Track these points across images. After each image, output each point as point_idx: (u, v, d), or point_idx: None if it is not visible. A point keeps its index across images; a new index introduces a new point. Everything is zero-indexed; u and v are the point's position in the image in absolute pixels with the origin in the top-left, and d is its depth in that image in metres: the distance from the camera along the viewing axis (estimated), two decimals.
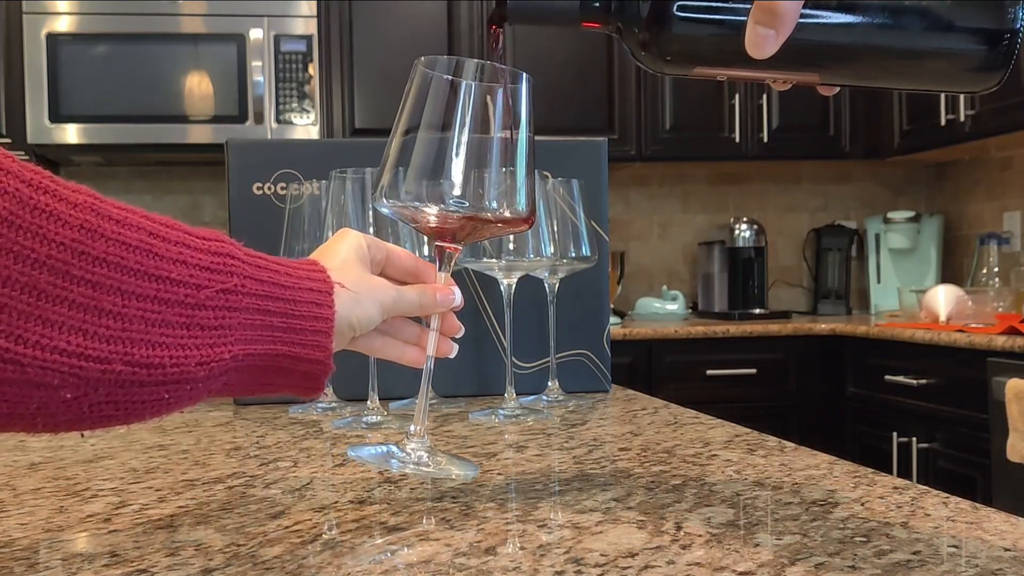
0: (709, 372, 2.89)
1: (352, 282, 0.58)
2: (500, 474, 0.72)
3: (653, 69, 0.57)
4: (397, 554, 0.52)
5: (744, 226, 3.31)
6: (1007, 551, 0.50)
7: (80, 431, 0.46)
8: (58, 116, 2.81)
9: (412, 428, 0.65)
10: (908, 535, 0.53)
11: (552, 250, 1.02)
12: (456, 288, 0.65)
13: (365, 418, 0.98)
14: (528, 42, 3.09)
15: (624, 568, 0.48)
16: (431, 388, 1.12)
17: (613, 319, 3.06)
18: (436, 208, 0.60)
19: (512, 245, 0.98)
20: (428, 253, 0.97)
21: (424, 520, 0.58)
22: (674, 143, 3.20)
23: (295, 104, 2.91)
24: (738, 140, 3.20)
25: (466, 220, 0.61)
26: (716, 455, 0.78)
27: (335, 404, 1.07)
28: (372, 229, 0.96)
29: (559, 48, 3.11)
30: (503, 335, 1.13)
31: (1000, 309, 2.59)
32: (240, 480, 0.71)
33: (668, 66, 0.56)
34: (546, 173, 1.06)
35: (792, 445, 0.81)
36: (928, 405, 2.55)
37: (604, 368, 1.22)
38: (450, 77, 0.60)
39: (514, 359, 1.16)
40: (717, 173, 3.56)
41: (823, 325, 2.95)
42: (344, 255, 0.61)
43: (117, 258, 0.44)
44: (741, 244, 3.29)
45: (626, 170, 3.38)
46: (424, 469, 0.64)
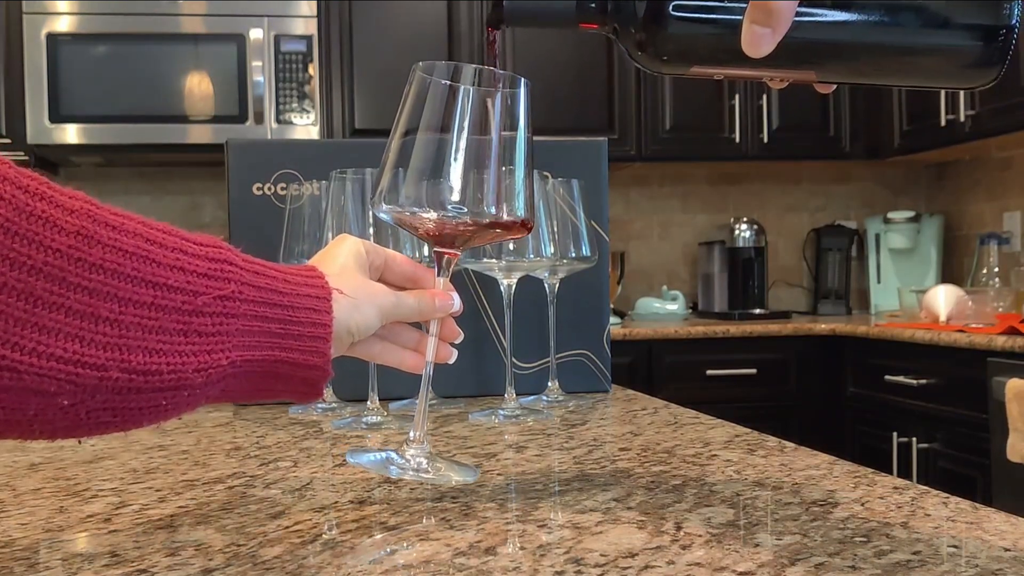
0: (709, 372, 2.89)
1: (351, 288, 0.58)
2: (500, 474, 0.72)
3: (650, 69, 0.57)
4: (397, 554, 0.52)
5: (744, 226, 3.31)
6: (1007, 551, 0.50)
7: (77, 437, 0.46)
8: (58, 116, 2.81)
9: (412, 434, 0.65)
10: (908, 535, 0.53)
11: (552, 250, 1.02)
12: (455, 293, 0.65)
13: (365, 418, 0.98)
14: (528, 42, 3.09)
15: (624, 568, 0.48)
16: (431, 389, 1.12)
17: (613, 319, 3.06)
18: (435, 214, 0.60)
19: (512, 245, 0.98)
20: (428, 255, 0.97)
21: (424, 520, 0.58)
22: (674, 143, 3.20)
23: (295, 104, 2.91)
24: (738, 140, 3.20)
25: (465, 226, 0.60)
26: (716, 455, 0.78)
27: (335, 404, 1.07)
28: (372, 230, 0.96)
29: (559, 48, 3.12)
30: (503, 335, 1.13)
31: (1000, 309, 2.59)
32: (240, 480, 0.72)
33: (665, 66, 0.56)
34: (546, 173, 1.06)
35: (792, 445, 0.81)
36: (928, 405, 2.55)
37: (604, 368, 1.22)
38: (448, 82, 0.59)
39: (514, 359, 1.16)
40: (717, 173, 3.56)
41: (823, 325, 2.95)
42: (343, 261, 0.60)
43: (114, 264, 0.43)
44: (741, 244, 3.29)
45: (626, 170, 3.38)
46: (423, 475, 0.64)
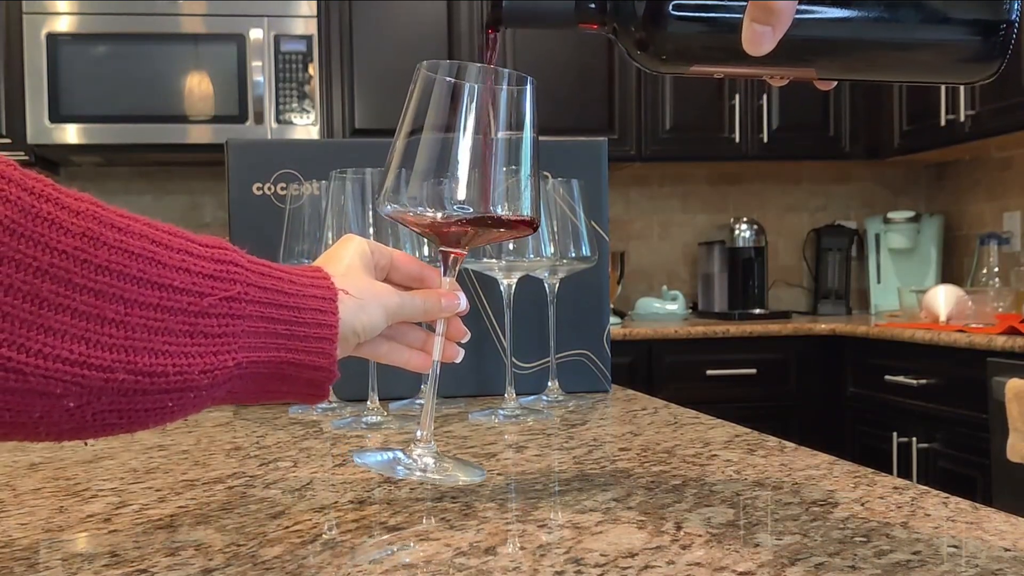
0: (709, 372, 2.89)
1: (356, 288, 0.58)
2: (500, 474, 0.72)
3: (650, 69, 0.57)
4: (397, 554, 0.52)
5: (744, 226, 3.31)
6: (1007, 551, 0.50)
7: (83, 439, 0.46)
8: (58, 116, 2.81)
9: (418, 433, 0.65)
10: (908, 535, 0.53)
11: (552, 250, 1.02)
12: (461, 293, 0.65)
13: (365, 418, 0.98)
14: (528, 43, 3.09)
15: (624, 568, 0.48)
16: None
17: (613, 319, 3.06)
18: (440, 213, 0.60)
19: (512, 245, 0.98)
20: (428, 253, 0.97)
21: (424, 520, 0.58)
22: (674, 143, 3.20)
23: (295, 104, 2.91)
24: (738, 140, 3.20)
25: (470, 225, 0.60)
26: (716, 455, 0.78)
27: (335, 404, 1.07)
28: (372, 230, 0.96)
29: (559, 49, 3.12)
30: (503, 335, 1.13)
31: (1000, 309, 2.59)
32: (240, 480, 0.72)
33: (664, 65, 0.56)
34: (546, 173, 1.06)
35: (792, 445, 0.81)
36: (928, 405, 2.55)
37: (604, 368, 1.22)
38: (453, 80, 0.59)
39: (514, 359, 1.16)
40: (717, 173, 3.56)
41: (823, 325, 2.95)
42: (348, 261, 0.60)
43: (120, 266, 0.43)
44: (741, 244, 3.29)
45: (626, 170, 3.38)
46: (430, 476, 0.64)
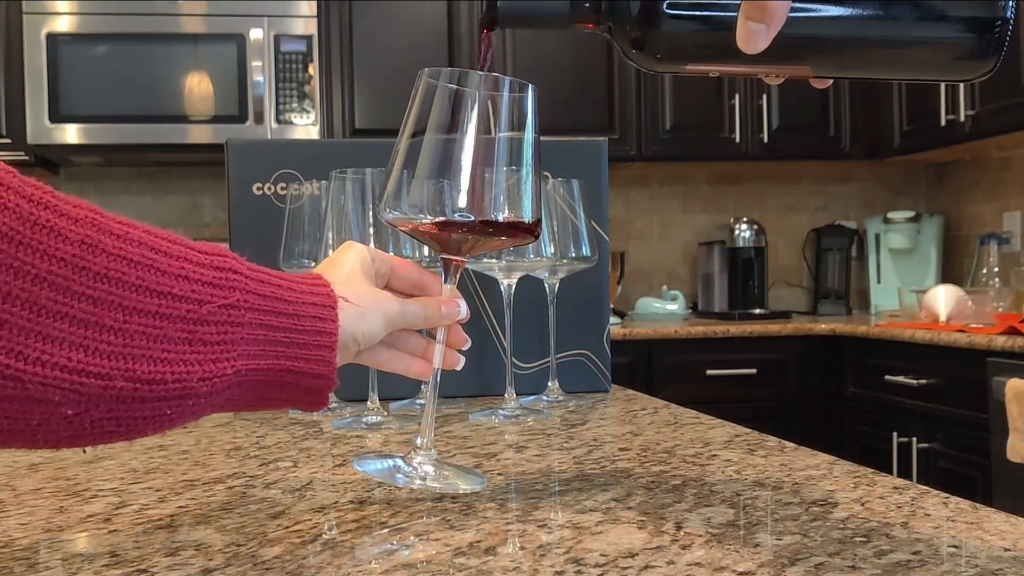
0: (709, 372, 2.89)
1: (356, 296, 0.58)
2: (500, 474, 0.72)
3: (645, 68, 0.57)
4: (397, 554, 0.52)
5: (744, 226, 3.31)
6: (1007, 551, 0.50)
7: (82, 447, 0.46)
8: (58, 116, 2.81)
9: (418, 440, 0.65)
10: (908, 535, 0.53)
11: (552, 250, 1.02)
12: (462, 300, 0.64)
13: (365, 418, 0.98)
14: (528, 43, 3.09)
15: (624, 568, 0.48)
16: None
17: (613, 319, 3.06)
18: (441, 220, 0.60)
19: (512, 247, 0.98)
20: (428, 253, 0.97)
21: (424, 520, 0.58)
22: (674, 143, 3.20)
23: (295, 104, 2.91)
24: (738, 140, 3.20)
25: (471, 232, 0.60)
26: (716, 455, 0.78)
27: (335, 404, 1.07)
28: (372, 230, 0.96)
29: (559, 49, 3.12)
30: (503, 335, 1.13)
31: (1000, 309, 2.59)
32: (240, 480, 0.72)
33: (660, 64, 0.56)
34: (546, 173, 1.06)
35: (792, 445, 0.81)
36: (928, 405, 2.55)
37: (604, 368, 1.22)
38: (454, 87, 0.59)
39: (514, 359, 1.16)
40: (717, 173, 3.56)
41: (823, 325, 2.95)
42: (348, 268, 0.60)
43: (118, 273, 0.43)
44: (741, 244, 3.29)
45: (626, 170, 3.38)
46: (430, 484, 0.63)
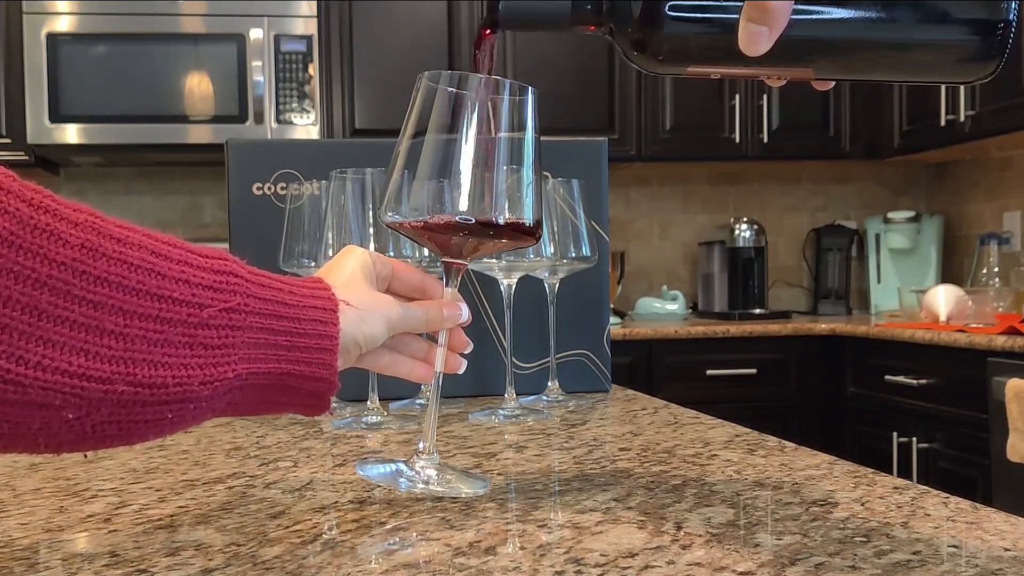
0: (709, 372, 2.89)
1: (357, 299, 0.58)
2: (500, 474, 0.72)
3: (647, 69, 0.57)
4: (397, 554, 0.52)
5: (744, 226, 3.31)
6: (1007, 551, 0.50)
7: (83, 451, 0.46)
8: (58, 116, 2.81)
9: (421, 445, 0.65)
10: (908, 535, 0.53)
11: (552, 250, 1.02)
12: (463, 304, 0.64)
13: (365, 418, 0.98)
14: (529, 43, 3.09)
15: (624, 568, 0.48)
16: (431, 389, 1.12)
17: (613, 319, 3.06)
18: (441, 224, 0.59)
19: None
20: (428, 254, 0.97)
21: (424, 520, 0.58)
22: (674, 143, 3.20)
23: (295, 104, 2.91)
24: (738, 140, 3.20)
25: (472, 236, 0.60)
26: (716, 455, 0.78)
27: (335, 404, 1.07)
28: (372, 230, 0.96)
29: (559, 48, 3.12)
30: (503, 335, 1.13)
31: (1000, 309, 2.59)
32: (240, 480, 0.72)
33: (661, 66, 0.56)
34: (546, 173, 1.06)
35: (792, 445, 0.81)
36: (928, 405, 2.55)
37: (604, 368, 1.22)
38: (454, 91, 0.59)
39: (514, 359, 1.16)
40: (717, 173, 3.56)
41: (823, 325, 2.95)
42: (350, 272, 0.60)
43: (119, 277, 0.43)
44: (741, 244, 3.29)
45: (626, 170, 3.38)
46: (433, 488, 0.63)
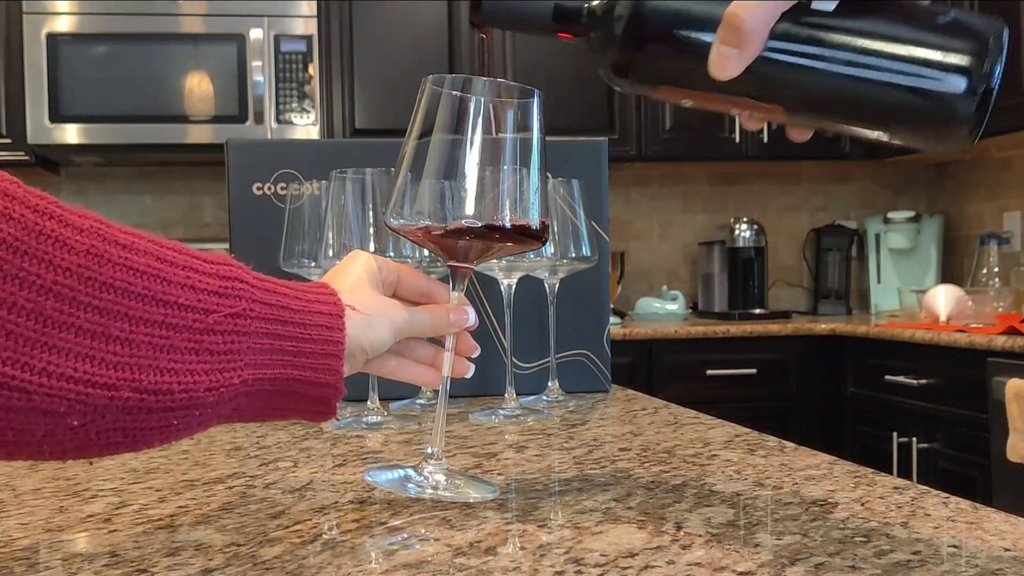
0: (709, 372, 2.89)
1: (363, 304, 0.58)
2: (500, 474, 0.72)
3: (616, 85, 0.56)
4: (397, 554, 0.52)
5: (744, 226, 3.30)
6: (1007, 551, 0.50)
7: (88, 458, 0.46)
8: (58, 116, 2.81)
9: (429, 450, 0.65)
10: (908, 535, 0.53)
11: (552, 250, 1.02)
12: (470, 308, 0.64)
13: (365, 418, 0.98)
14: (529, 43, 3.09)
15: (624, 568, 0.48)
16: (431, 390, 1.12)
17: (613, 319, 3.06)
18: (447, 228, 0.60)
19: None
20: (428, 255, 0.97)
21: (424, 520, 0.58)
22: (674, 143, 3.20)
23: (295, 104, 2.91)
24: (738, 140, 3.20)
25: (477, 239, 0.60)
26: (716, 455, 0.78)
27: None
28: (372, 230, 0.96)
29: (559, 48, 3.11)
30: (503, 335, 1.13)
31: (1000, 309, 2.59)
32: (240, 480, 0.72)
33: (631, 85, 0.55)
34: (546, 173, 1.06)
35: (792, 445, 0.81)
36: (928, 405, 2.55)
37: (604, 368, 1.22)
38: (459, 95, 0.59)
39: (514, 359, 1.16)
40: (717, 173, 3.56)
41: (823, 325, 2.95)
42: (355, 277, 0.60)
43: (124, 283, 0.43)
44: (741, 244, 3.29)
45: (626, 170, 3.38)
46: (442, 494, 0.63)
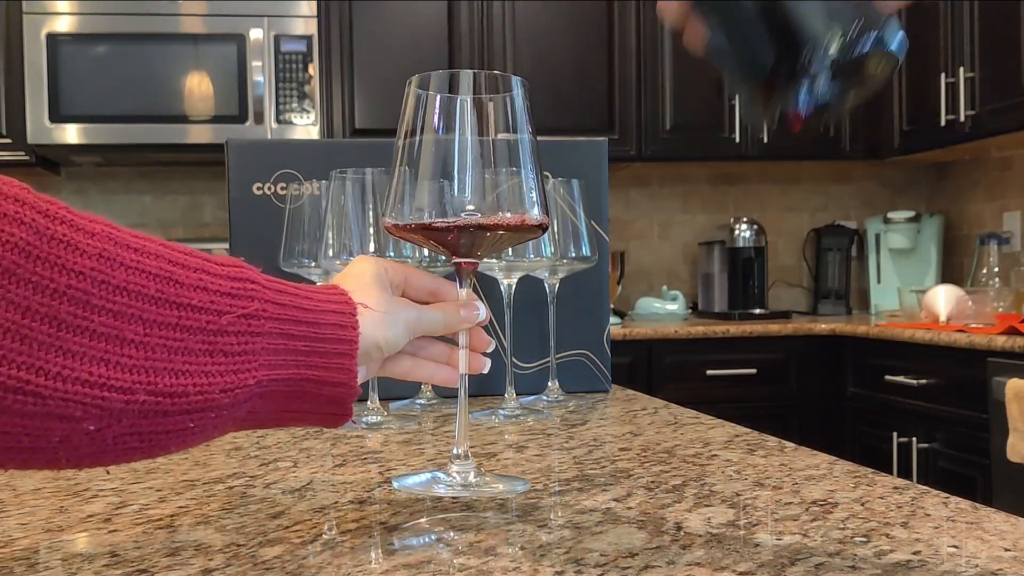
0: (709, 372, 2.89)
1: (375, 303, 0.58)
2: (500, 474, 0.72)
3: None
4: (397, 554, 0.52)
5: (744, 226, 3.30)
6: (1007, 551, 0.50)
7: (104, 466, 0.46)
8: (58, 116, 2.81)
9: (455, 450, 0.65)
10: (908, 535, 0.53)
11: (552, 250, 1.02)
12: (481, 303, 0.64)
13: (365, 418, 0.98)
14: (529, 42, 3.09)
15: (624, 568, 0.48)
16: (432, 389, 1.12)
17: (613, 319, 3.06)
18: (447, 224, 0.60)
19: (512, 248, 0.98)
20: (428, 254, 0.97)
21: (424, 520, 0.58)
22: (674, 143, 3.20)
23: (295, 104, 2.91)
24: (738, 140, 3.20)
25: (480, 232, 0.60)
26: (716, 455, 0.78)
27: None
28: (372, 230, 0.96)
29: (560, 48, 3.11)
30: (503, 335, 1.13)
31: (1000, 309, 2.59)
32: (240, 480, 0.72)
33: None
34: (546, 173, 1.05)
35: (792, 445, 0.81)
36: (928, 405, 2.55)
37: (604, 368, 1.22)
38: (446, 90, 0.60)
39: (514, 359, 1.16)
40: (717, 173, 3.56)
41: (823, 325, 2.95)
42: (363, 280, 0.60)
43: (137, 286, 0.43)
44: (741, 244, 3.29)
45: (626, 170, 3.38)
46: (472, 490, 0.63)
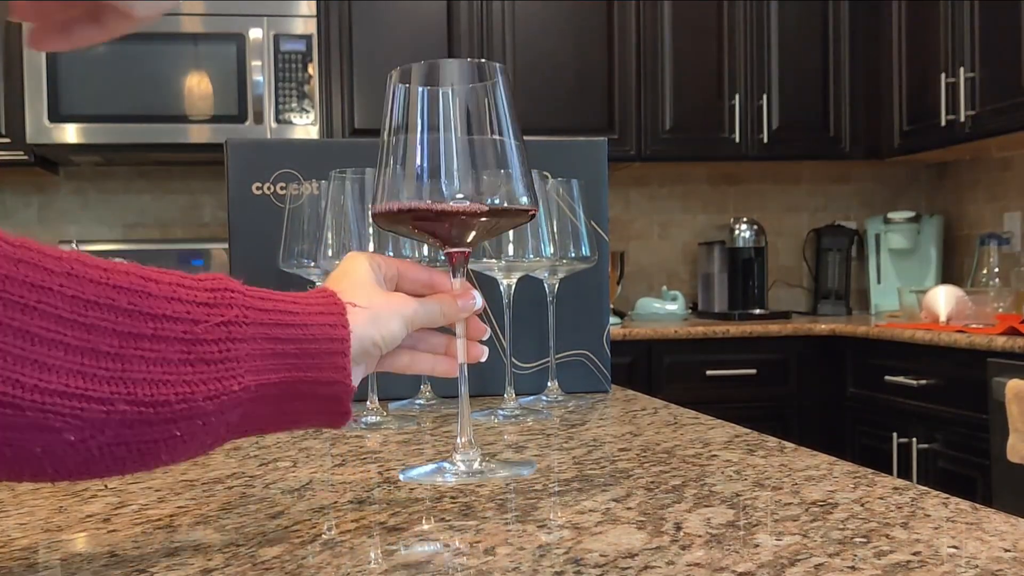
0: (709, 372, 2.89)
1: (368, 301, 0.58)
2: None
3: None
4: (397, 554, 0.52)
5: (744, 226, 3.30)
6: (1007, 551, 0.50)
7: (98, 477, 0.46)
8: (57, 116, 2.81)
9: (459, 440, 0.66)
10: (908, 535, 0.53)
11: (552, 250, 1.02)
12: (476, 291, 0.64)
13: (364, 418, 0.98)
14: (529, 42, 3.09)
15: (624, 568, 0.48)
16: (431, 389, 1.12)
17: (613, 319, 3.06)
18: (436, 210, 0.60)
19: (512, 246, 0.98)
20: (427, 254, 0.97)
21: (424, 520, 0.58)
22: (674, 143, 3.20)
23: (295, 104, 2.91)
24: (738, 140, 3.20)
25: (469, 218, 0.61)
26: (716, 455, 0.78)
27: None
28: (371, 230, 0.96)
29: (559, 48, 3.11)
30: (503, 335, 1.13)
31: (1000, 309, 2.59)
32: (240, 480, 0.71)
33: None
34: (546, 173, 1.05)
35: (792, 445, 0.81)
36: (928, 405, 2.55)
37: (604, 368, 1.22)
38: (427, 82, 0.60)
39: (514, 359, 1.16)
40: (717, 173, 3.56)
41: (823, 325, 2.95)
42: (356, 277, 0.60)
43: (108, 300, 0.44)
44: (741, 244, 3.29)
45: (626, 170, 3.38)
46: (477, 476, 0.64)
